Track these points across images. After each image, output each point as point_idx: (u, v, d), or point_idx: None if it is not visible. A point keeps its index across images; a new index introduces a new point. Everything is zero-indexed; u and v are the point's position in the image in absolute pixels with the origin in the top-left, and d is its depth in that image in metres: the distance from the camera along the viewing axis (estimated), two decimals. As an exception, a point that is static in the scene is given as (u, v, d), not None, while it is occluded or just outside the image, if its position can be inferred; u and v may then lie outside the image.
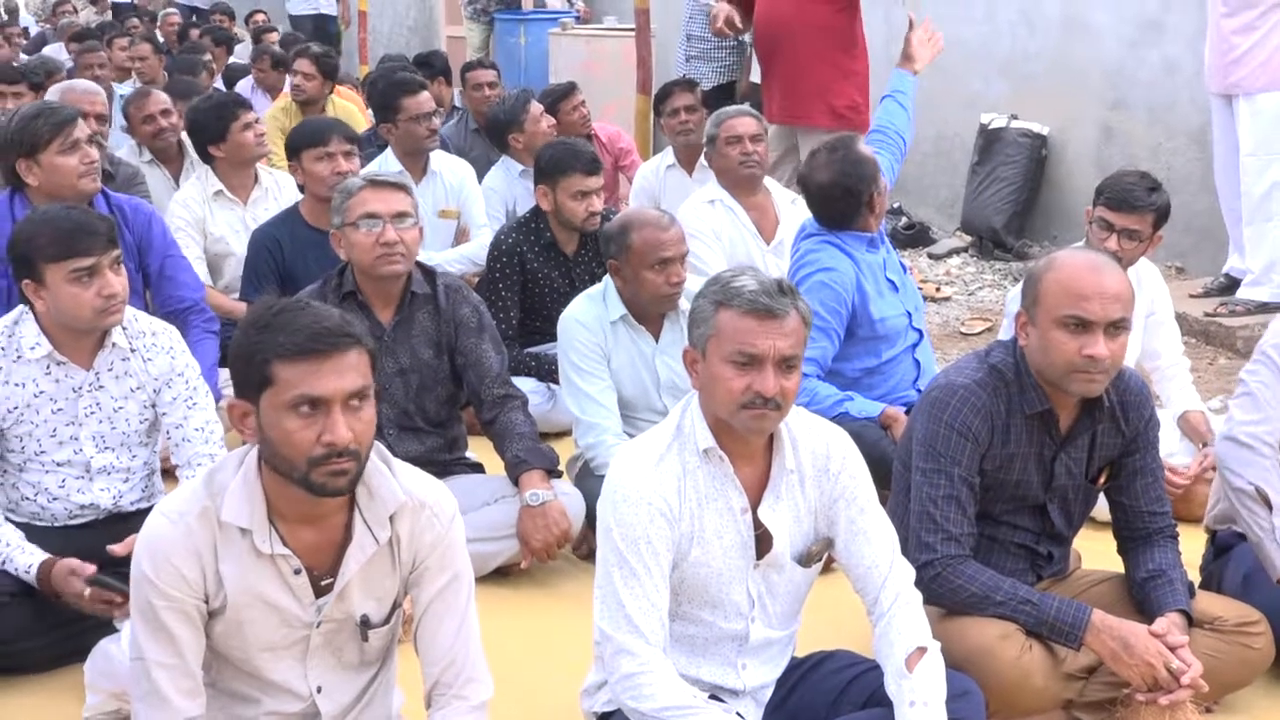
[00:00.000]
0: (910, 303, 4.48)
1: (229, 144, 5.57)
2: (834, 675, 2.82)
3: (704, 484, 2.68)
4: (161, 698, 2.37)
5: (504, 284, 5.17)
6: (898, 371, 4.43)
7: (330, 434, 2.28)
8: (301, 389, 2.28)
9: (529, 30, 11.40)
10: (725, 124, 5.35)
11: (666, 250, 4.04)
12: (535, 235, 5.21)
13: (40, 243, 3.31)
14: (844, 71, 6.13)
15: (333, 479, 2.32)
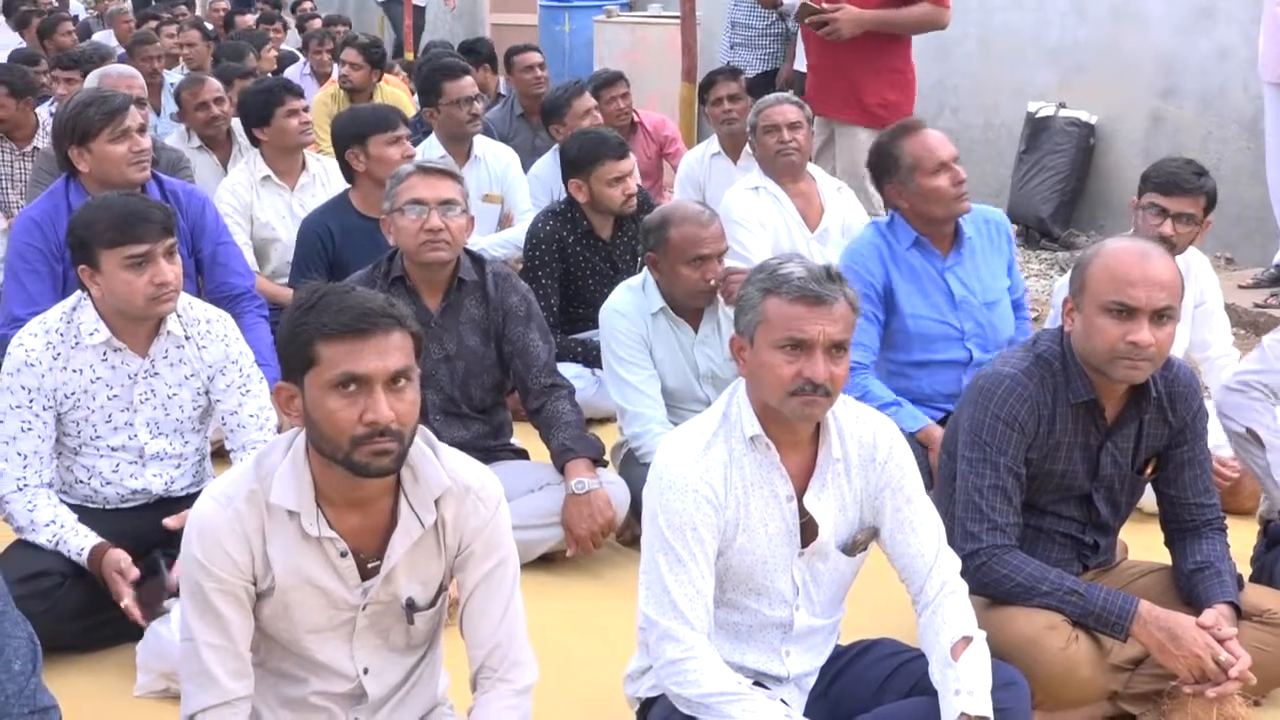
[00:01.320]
0: (966, 322, 4.24)
1: (272, 129, 5.64)
2: (878, 663, 2.82)
3: (750, 471, 2.68)
4: (210, 678, 2.40)
5: (543, 271, 5.19)
6: (936, 377, 4.27)
7: (372, 412, 2.31)
8: (344, 367, 2.30)
9: (574, 18, 11.39)
10: (763, 113, 5.35)
11: (704, 247, 4.04)
12: (572, 222, 5.23)
13: (97, 228, 3.34)
14: (879, 68, 6.03)
15: (375, 459, 2.34)
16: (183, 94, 6.54)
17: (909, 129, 4.22)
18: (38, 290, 4.29)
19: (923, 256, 4.23)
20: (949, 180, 4.11)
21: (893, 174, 4.18)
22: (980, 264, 4.32)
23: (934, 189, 4.11)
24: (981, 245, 4.34)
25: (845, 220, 5.42)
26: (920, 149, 4.13)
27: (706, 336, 4.18)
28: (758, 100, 5.51)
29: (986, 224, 4.38)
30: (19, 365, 3.41)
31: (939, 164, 4.10)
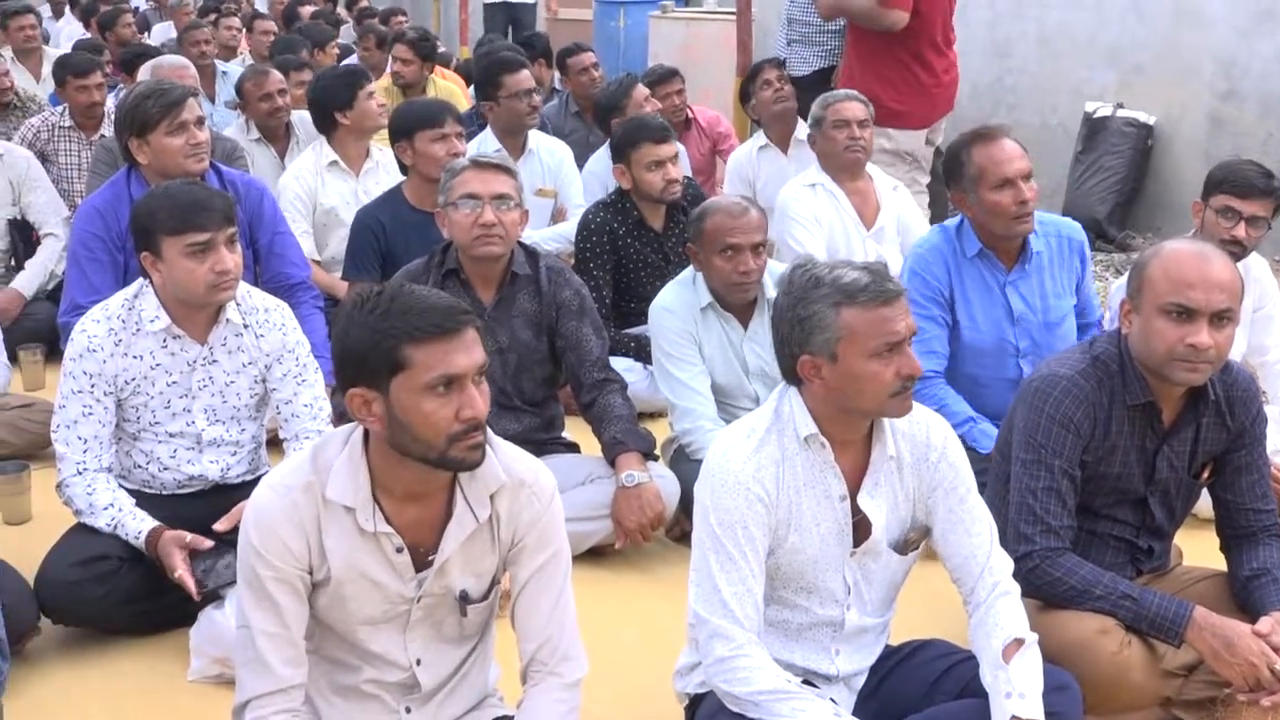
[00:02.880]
0: (1023, 339, 4.13)
1: (355, 111, 5.72)
2: (929, 664, 2.80)
3: (802, 470, 2.68)
4: (265, 665, 2.42)
5: (595, 263, 5.21)
6: (986, 392, 4.17)
7: (470, 409, 2.33)
8: (440, 369, 2.31)
9: (628, 13, 11.40)
10: (833, 107, 5.28)
11: (734, 237, 4.03)
12: (623, 214, 5.24)
13: (159, 216, 3.38)
14: (883, 73, 6.09)
15: (470, 453, 2.37)
16: (246, 85, 6.62)
17: (984, 136, 4.05)
18: (99, 278, 4.35)
19: (985, 268, 4.12)
20: (1012, 198, 3.95)
21: (959, 180, 4.05)
22: (1046, 280, 4.16)
23: (995, 204, 3.97)
24: (1050, 261, 4.17)
25: (901, 219, 5.40)
26: (987, 160, 3.97)
27: (756, 333, 4.17)
28: (823, 94, 5.45)
29: (1059, 239, 4.20)
30: (81, 351, 3.46)
31: (1003, 179, 3.95)
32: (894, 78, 6.08)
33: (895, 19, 6.04)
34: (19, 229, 6.03)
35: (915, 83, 6.06)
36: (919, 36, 6.13)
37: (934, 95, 6.08)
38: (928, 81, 6.13)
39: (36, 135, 6.66)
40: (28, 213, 6.03)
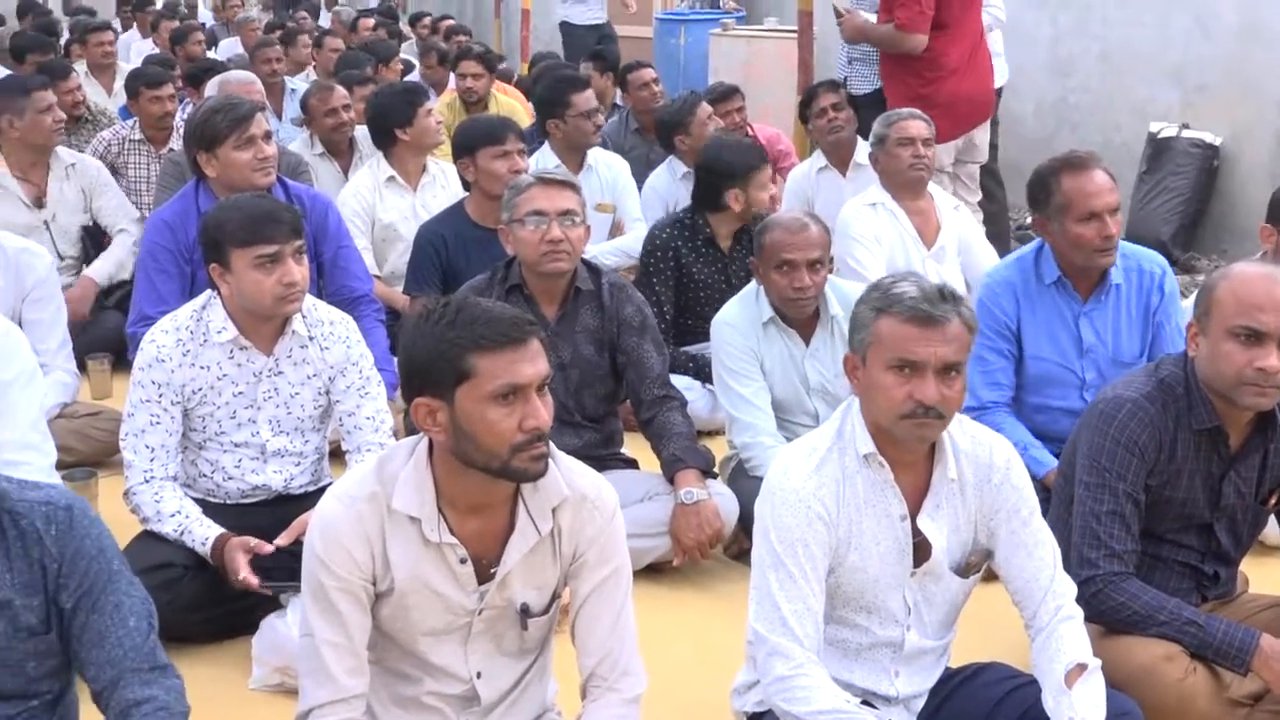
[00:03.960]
0: (1089, 371, 4.05)
1: (415, 128, 5.78)
2: (989, 688, 2.78)
3: (863, 489, 2.67)
4: (328, 674, 2.44)
5: (658, 279, 5.23)
6: (1051, 422, 4.09)
7: (534, 419, 2.35)
8: (506, 378, 2.33)
9: (689, 31, 11.43)
10: (897, 124, 5.26)
11: (790, 253, 4.03)
12: (692, 231, 5.26)
13: (229, 228, 3.43)
14: (903, 93, 6.12)
15: (533, 463, 2.39)
16: (311, 100, 6.71)
17: (1074, 165, 3.93)
18: (167, 289, 4.42)
19: (1060, 297, 4.04)
20: (1096, 232, 3.86)
21: (1044, 206, 3.95)
22: (1122, 315, 4.06)
23: (1078, 236, 3.88)
24: (1128, 295, 4.06)
25: (962, 238, 5.37)
26: (1075, 192, 3.86)
27: (817, 349, 4.17)
28: (886, 112, 5.44)
29: (1140, 274, 4.08)
30: (150, 361, 3.51)
31: (1089, 213, 3.84)
32: (917, 93, 6.08)
33: (915, 43, 6.10)
34: (90, 235, 6.13)
35: (939, 98, 6.04)
36: (944, 53, 6.14)
37: (958, 109, 6.05)
38: (954, 95, 6.11)
39: (107, 148, 6.78)
40: (99, 216, 6.12)
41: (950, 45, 6.22)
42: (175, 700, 2.28)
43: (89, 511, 2.30)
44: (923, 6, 6.12)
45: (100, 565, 2.26)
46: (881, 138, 5.28)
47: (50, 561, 2.22)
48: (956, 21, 6.22)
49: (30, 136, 5.85)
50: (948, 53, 6.22)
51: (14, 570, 2.21)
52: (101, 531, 2.30)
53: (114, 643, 2.25)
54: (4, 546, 2.20)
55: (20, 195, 5.86)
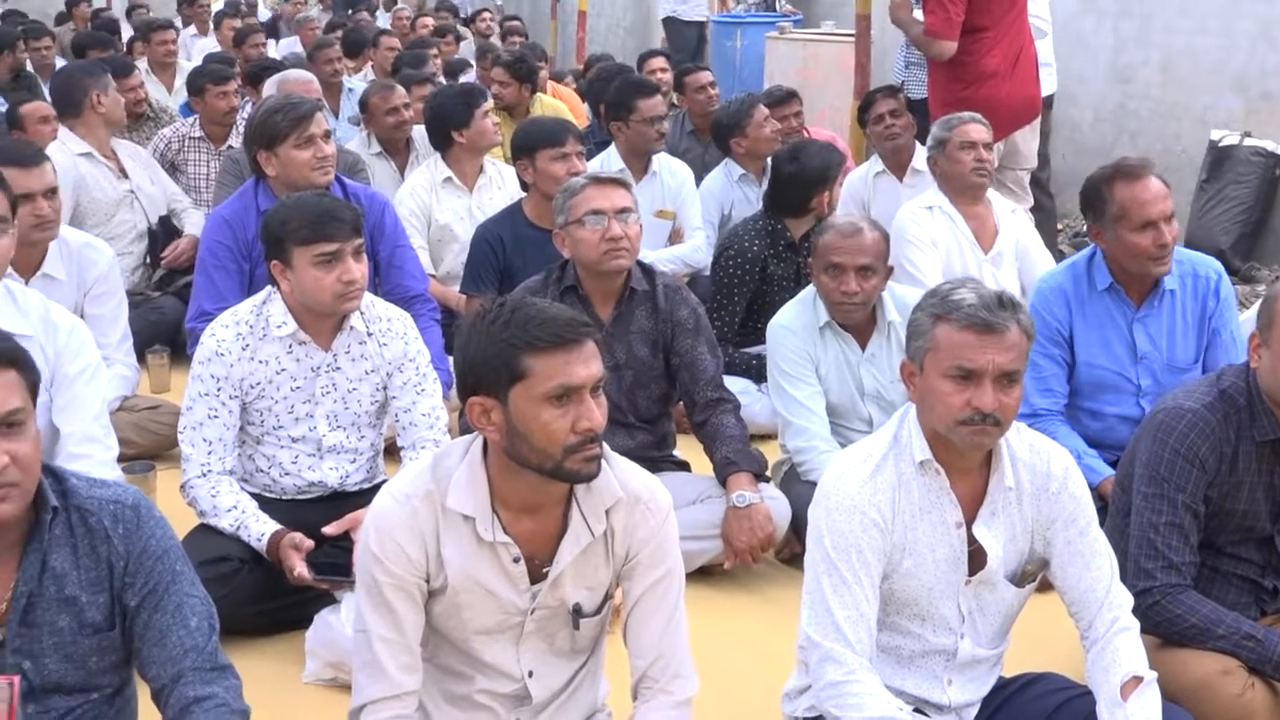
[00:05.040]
0: (1144, 378, 4.02)
1: (472, 130, 5.79)
2: (1043, 698, 2.76)
3: (919, 496, 2.66)
4: (381, 670, 2.46)
5: (739, 289, 5.22)
6: (1107, 427, 4.09)
7: (587, 420, 2.35)
8: (559, 379, 2.34)
9: (745, 34, 11.41)
10: (959, 129, 5.20)
11: (839, 256, 4.01)
12: (773, 238, 5.26)
13: (291, 226, 3.46)
14: (942, 97, 6.09)
15: (586, 465, 2.39)
16: (372, 99, 6.75)
17: (1128, 173, 3.89)
18: (226, 286, 4.47)
19: (1113, 303, 4.01)
20: (1151, 240, 3.83)
21: (1099, 215, 3.92)
22: (1177, 320, 4.02)
23: (1133, 245, 3.85)
24: (1183, 301, 4.02)
25: (1020, 243, 5.32)
26: (1131, 201, 3.83)
27: (874, 355, 4.15)
28: (947, 116, 5.37)
29: (1195, 279, 4.03)
30: (210, 355, 3.55)
31: (1145, 222, 3.81)
32: (956, 96, 6.02)
33: (940, 49, 6.06)
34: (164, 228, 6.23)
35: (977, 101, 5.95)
36: (983, 57, 6.10)
37: (997, 114, 5.95)
38: (992, 99, 6.04)
39: (168, 145, 6.88)
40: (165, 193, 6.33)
41: (990, 49, 6.15)
42: (234, 699, 2.30)
43: (155, 511, 2.32)
44: (950, 13, 6.04)
45: (165, 565, 2.29)
46: (942, 141, 5.23)
47: (117, 560, 2.25)
48: (996, 24, 6.13)
49: (114, 113, 6.09)
50: (987, 56, 6.15)
51: (81, 567, 2.24)
52: (167, 532, 2.33)
53: (175, 642, 2.27)
54: (72, 543, 2.23)
55: (109, 167, 6.08)
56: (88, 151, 5.97)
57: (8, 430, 2.08)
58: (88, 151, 5.97)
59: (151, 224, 6.17)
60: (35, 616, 2.21)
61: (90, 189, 5.92)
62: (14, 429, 2.09)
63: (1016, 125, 6.26)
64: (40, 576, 2.20)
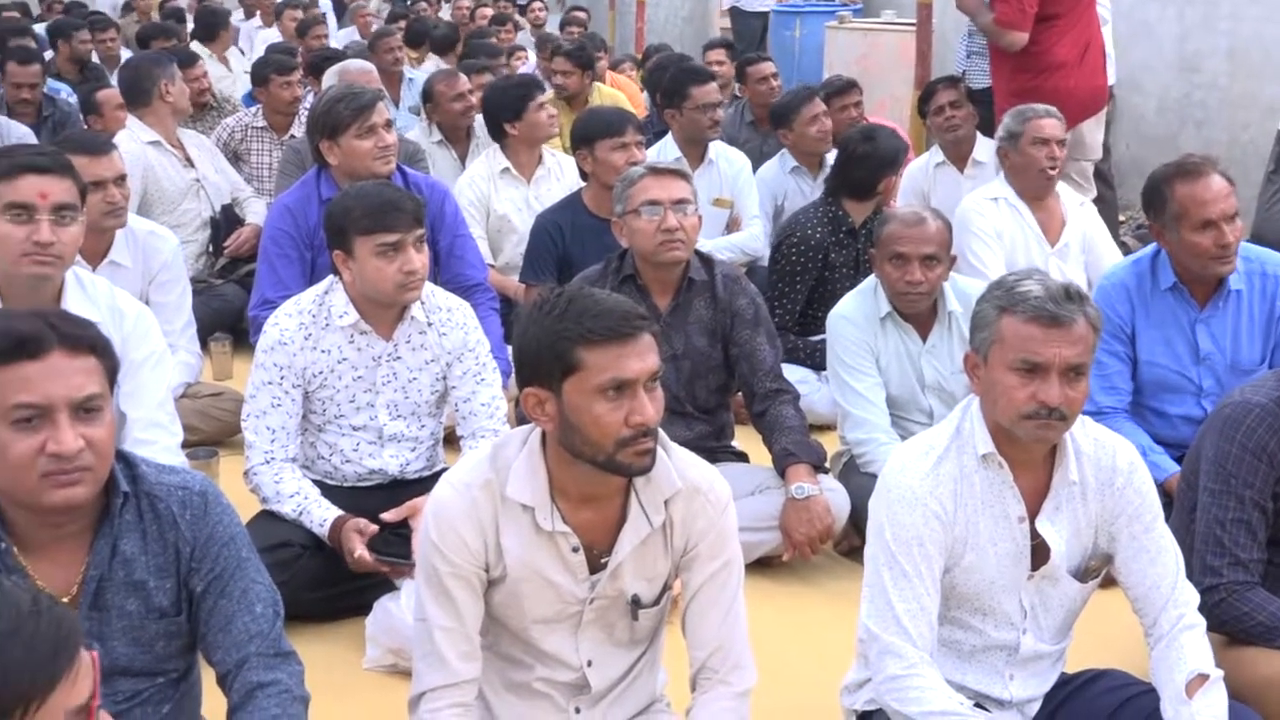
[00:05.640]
0: (1206, 379, 3.97)
1: (524, 122, 5.80)
2: (1106, 695, 2.73)
3: (981, 489, 2.63)
4: (441, 658, 2.47)
5: (800, 277, 5.21)
6: (1168, 426, 4.04)
7: (640, 414, 2.34)
8: (612, 372, 2.33)
9: (804, 23, 11.36)
10: (1033, 123, 5.10)
11: (903, 246, 3.99)
12: (834, 222, 5.24)
13: (353, 216, 3.49)
14: (1008, 85, 6.01)
15: (639, 459, 2.37)
16: (438, 86, 6.79)
17: (1188, 171, 3.83)
18: (288, 274, 4.51)
19: (1176, 303, 3.96)
20: (1213, 240, 3.77)
21: (1159, 214, 3.86)
22: (1242, 320, 3.96)
23: (1194, 245, 3.79)
24: (1250, 300, 3.95)
25: (1087, 235, 5.26)
26: (1190, 200, 3.77)
27: (934, 346, 4.12)
28: (1020, 108, 5.27)
29: (1264, 277, 3.96)
30: (273, 344, 3.58)
31: (1205, 221, 3.76)
32: (1024, 86, 5.95)
33: (1011, 40, 5.97)
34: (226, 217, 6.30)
35: (1045, 92, 5.88)
36: (1052, 47, 6.01)
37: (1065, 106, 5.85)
38: (1060, 90, 5.96)
39: (231, 135, 6.96)
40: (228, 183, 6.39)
41: (1060, 38, 6.08)
42: (297, 685, 2.32)
43: (221, 498, 2.35)
44: (1024, 3, 5.97)
45: (231, 552, 2.31)
46: (1014, 135, 5.13)
47: (184, 546, 2.28)
48: (1067, 13, 6.06)
49: (181, 102, 6.16)
50: (1056, 46, 6.07)
51: (149, 552, 2.26)
52: (233, 519, 2.35)
53: (240, 628, 2.29)
54: (141, 529, 2.26)
55: (176, 156, 6.15)
56: (156, 140, 6.05)
57: (86, 415, 2.11)
58: (156, 140, 6.05)
59: (215, 213, 6.24)
60: (105, 600, 2.24)
61: (158, 177, 5.99)
62: (92, 414, 2.12)
63: (1084, 116, 6.18)
64: (110, 561, 2.23)
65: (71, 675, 1.36)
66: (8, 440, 2.07)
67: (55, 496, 2.10)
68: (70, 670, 1.36)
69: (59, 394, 2.08)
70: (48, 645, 1.34)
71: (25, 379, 2.07)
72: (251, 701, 2.26)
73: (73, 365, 2.10)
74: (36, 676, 1.32)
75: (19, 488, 2.11)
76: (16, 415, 2.07)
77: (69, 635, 1.38)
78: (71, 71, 8.92)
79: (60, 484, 2.09)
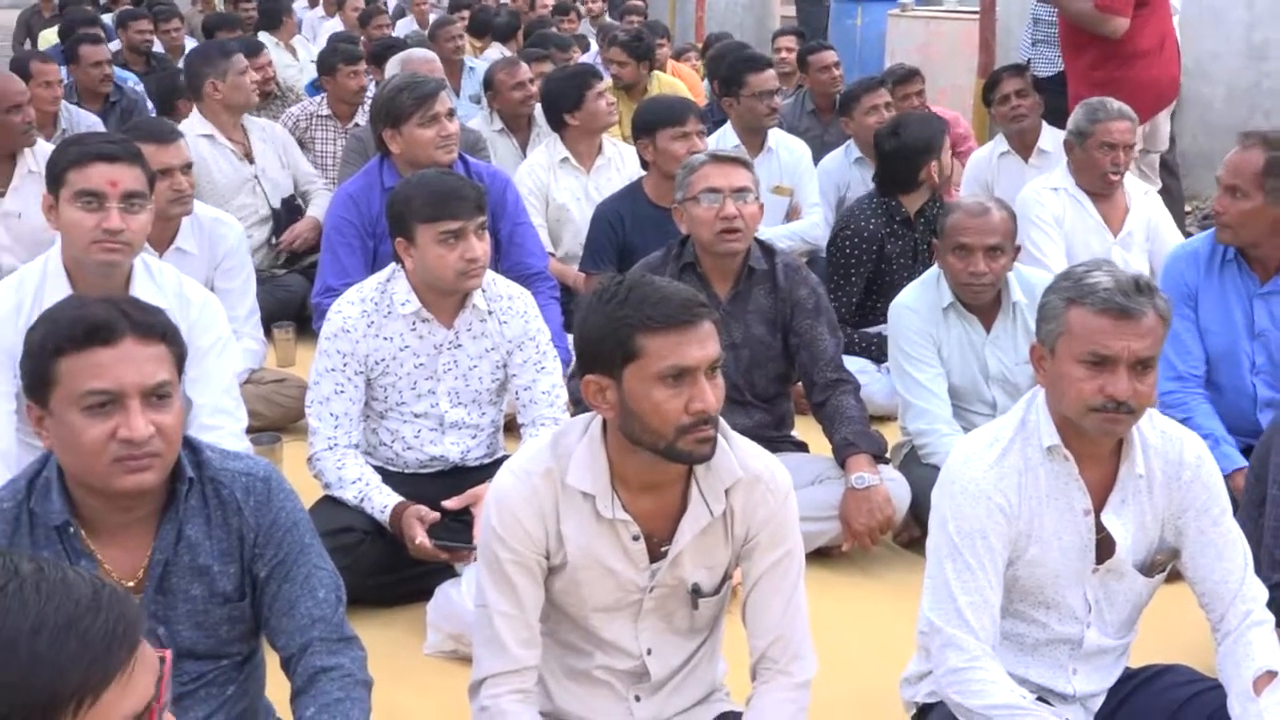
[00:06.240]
0: (1259, 355, 3.98)
1: (583, 112, 5.79)
2: (1171, 690, 2.70)
3: (1046, 482, 2.60)
4: (501, 645, 2.48)
5: (856, 269, 5.18)
6: (1221, 403, 4.01)
7: (700, 401, 2.33)
8: (672, 360, 2.32)
9: (867, 11, 11.29)
10: (1102, 125, 5.00)
11: (967, 236, 3.95)
12: (889, 215, 5.21)
13: (415, 204, 3.50)
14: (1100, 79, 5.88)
15: (699, 446, 2.36)
16: (499, 74, 6.80)
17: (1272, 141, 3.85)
18: (350, 262, 4.54)
19: (1238, 275, 3.95)
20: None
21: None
22: None
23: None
24: None
25: (1151, 222, 5.18)
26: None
27: (998, 337, 4.09)
28: (1090, 105, 5.17)
29: None
30: (336, 331, 3.61)
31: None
32: (1107, 77, 5.85)
33: (1115, 26, 5.85)
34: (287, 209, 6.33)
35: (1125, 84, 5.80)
36: (1136, 36, 5.91)
37: (1144, 97, 5.80)
38: (1140, 81, 5.88)
39: (295, 124, 7.00)
40: (296, 171, 6.39)
41: (1144, 28, 5.97)
42: (359, 670, 2.34)
43: (285, 484, 2.36)
44: None
45: (294, 537, 2.33)
46: (1083, 134, 5.05)
47: (248, 531, 2.30)
48: (1156, 3, 5.98)
49: (231, 98, 6.09)
50: (1139, 36, 5.97)
51: (214, 538, 2.29)
52: (296, 505, 2.37)
53: (303, 612, 2.31)
54: (206, 514, 2.29)
55: (232, 150, 6.12)
56: (209, 134, 6.03)
57: (157, 402, 2.14)
58: (209, 134, 6.03)
59: (274, 207, 6.24)
60: (170, 584, 2.26)
61: (209, 171, 5.96)
62: (162, 401, 2.15)
63: (1160, 107, 6.10)
64: (175, 545, 2.25)
65: (126, 673, 1.31)
66: (80, 426, 2.10)
67: (126, 481, 2.13)
68: (125, 667, 1.31)
69: (131, 381, 2.10)
70: (102, 640, 1.30)
71: (98, 365, 2.10)
72: (315, 686, 2.28)
73: (144, 352, 2.13)
74: (89, 672, 1.28)
75: (90, 473, 2.14)
76: (89, 401, 2.10)
77: (127, 630, 1.33)
78: (137, 62, 9.03)
79: (130, 469, 2.12)
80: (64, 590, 1.31)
